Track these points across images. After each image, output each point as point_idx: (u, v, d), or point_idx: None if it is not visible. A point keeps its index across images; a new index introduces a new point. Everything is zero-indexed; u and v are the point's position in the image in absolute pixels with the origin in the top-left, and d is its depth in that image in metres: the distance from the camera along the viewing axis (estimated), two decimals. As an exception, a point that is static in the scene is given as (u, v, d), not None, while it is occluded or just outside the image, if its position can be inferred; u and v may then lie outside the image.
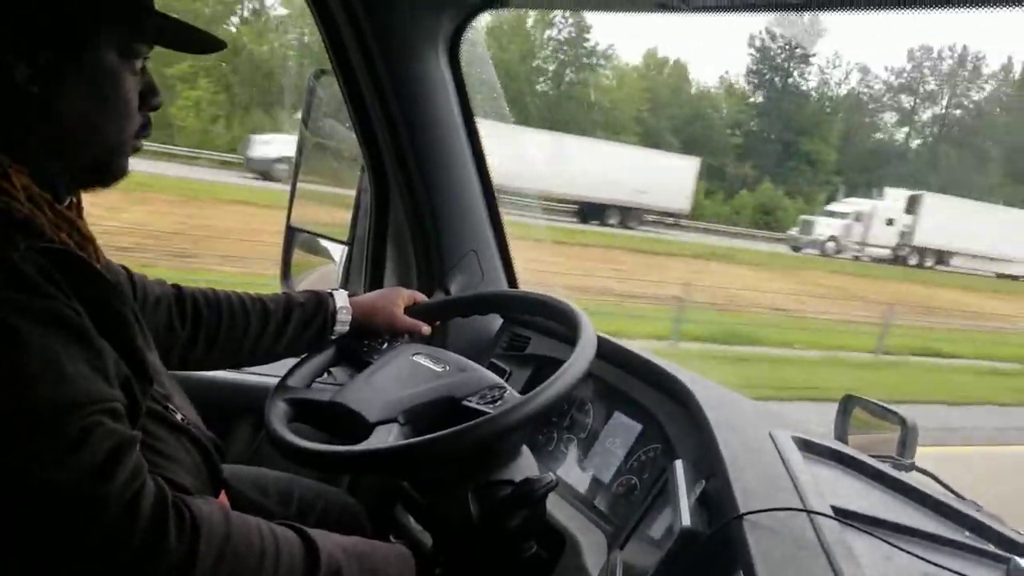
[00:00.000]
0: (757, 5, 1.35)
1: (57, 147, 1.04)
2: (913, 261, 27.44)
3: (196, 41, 1.14)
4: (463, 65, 1.93)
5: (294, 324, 1.54)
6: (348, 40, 1.82)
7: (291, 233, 2.21)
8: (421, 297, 1.70)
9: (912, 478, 1.42)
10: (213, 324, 1.47)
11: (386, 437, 1.26)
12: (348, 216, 2.16)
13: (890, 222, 27.37)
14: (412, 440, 1.22)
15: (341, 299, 1.58)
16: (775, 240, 29.13)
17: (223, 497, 1.28)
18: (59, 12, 1.00)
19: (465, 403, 1.33)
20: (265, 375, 1.86)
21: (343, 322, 1.57)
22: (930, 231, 27.07)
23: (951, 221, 26.39)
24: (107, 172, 1.10)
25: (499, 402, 1.32)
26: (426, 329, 1.65)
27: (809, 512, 1.01)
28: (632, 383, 1.64)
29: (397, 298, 1.65)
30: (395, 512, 1.78)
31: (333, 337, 1.58)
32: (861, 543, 0.99)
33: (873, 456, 1.50)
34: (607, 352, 1.65)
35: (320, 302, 1.56)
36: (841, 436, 1.67)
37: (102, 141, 1.07)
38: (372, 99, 1.86)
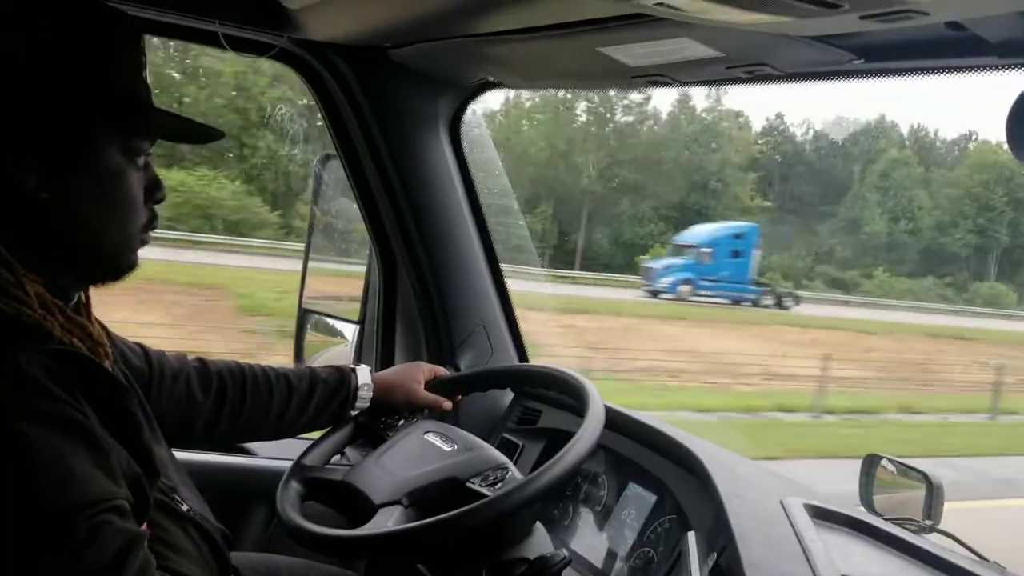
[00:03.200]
0: (745, 79, 1.39)
1: (67, 249, 1.06)
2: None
3: (195, 133, 1.17)
4: (465, 144, 1.98)
5: (316, 400, 1.55)
6: (350, 125, 1.88)
7: (303, 315, 2.24)
8: (442, 371, 1.70)
9: (933, 540, 1.40)
10: (238, 399, 1.49)
11: (387, 520, 1.27)
12: (359, 295, 2.19)
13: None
14: (409, 525, 1.23)
15: (363, 375, 1.59)
16: (623, 286, 26.86)
17: None
18: (63, 119, 1.03)
19: (468, 485, 1.33)
20: (279, 459, 1.86)
21: (364, 399, 1.58)
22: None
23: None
24: (116, 268, 1.12)
25: (500, 484, 1.31)
26: (447, 404, 1.65)
27: (819, 583, 1.00)
28: (645, 453, 1.63)
29: (417, 373, 1.65)
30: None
31: (353, 413, 1.58)
32: (874, 614, 0.98)
33: (893, 519, 1.47)
34: (619, 423, 1.64)
35: (343, 378, 1.57)
36: (866, 498, 1.64)
37: (110, 240, 1.09)
38: (376, 181, 1.91)
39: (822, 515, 1.27)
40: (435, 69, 1.82)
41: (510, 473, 1.34)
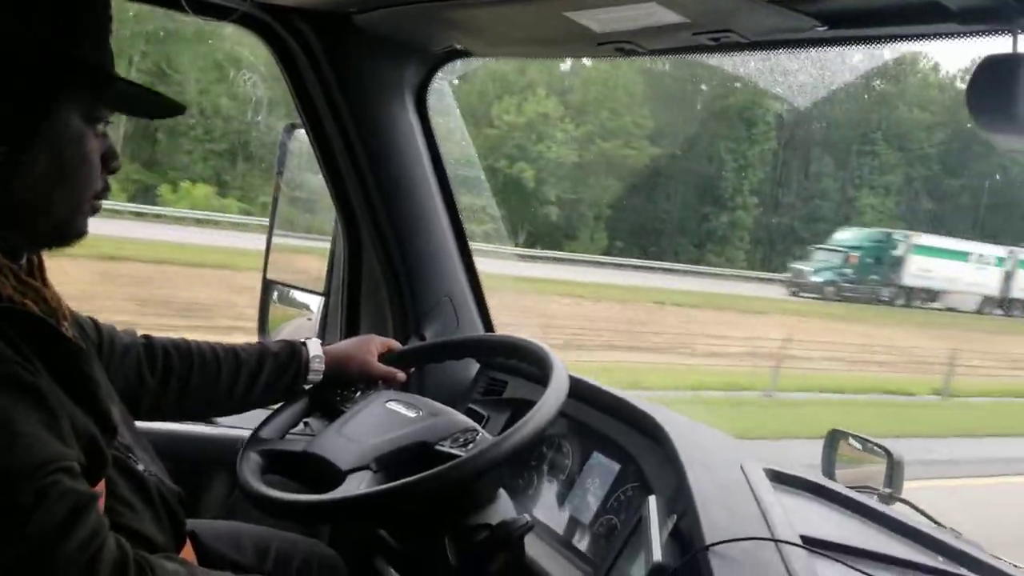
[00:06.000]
0: (711, 47, 1.39)
1: (21, 212, 1.04)
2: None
3: (157, 106, 1.15)
4: (431, 114, 1.96)
5: (267, 374, 1.53)
6: (315, 94, 1.85)
7: (267, 286, 2.21)
8: (395, 344, 1.70)
9: (894, 509, 1.42)
10: (183, 374, 1.47)
11: (358, 484, 1.26)
12: (324, 267, 2.17)
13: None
14: (383, 486, 1.22)
15: (315, 348, 1.58)
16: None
17: (188, 550, 1.27)
18: (24, 81, 1.00)
19: (438, 447, 1.33)
20: (239, 428, 1.85)
21: (316, 371, 1.57)
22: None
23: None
24: (66, 233, 1.11)
25: (471, 445, 1.31)
26: (401, 376, 1.65)
27: (776, 541, 1.01)
28: (609, 422, 1.64)
29: (371, 345, 1.65)
30: (375, 562, 1.76)
31: (307, 387, 1.58)
32: (830, 571, 0.99)
33: (856, 488, 1.50)
34: (583, 392, 1.65)
35: (293, 351, 1.56)
36: (828, 470, 1.67)
37: (64, 205, 1.08)
38: (341, 150, 1.89)
39: (781, 479, 1.29)
40: (401, 35, 1.80)
41: (480, 435, 1.35)
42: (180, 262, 13.74)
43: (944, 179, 33.16)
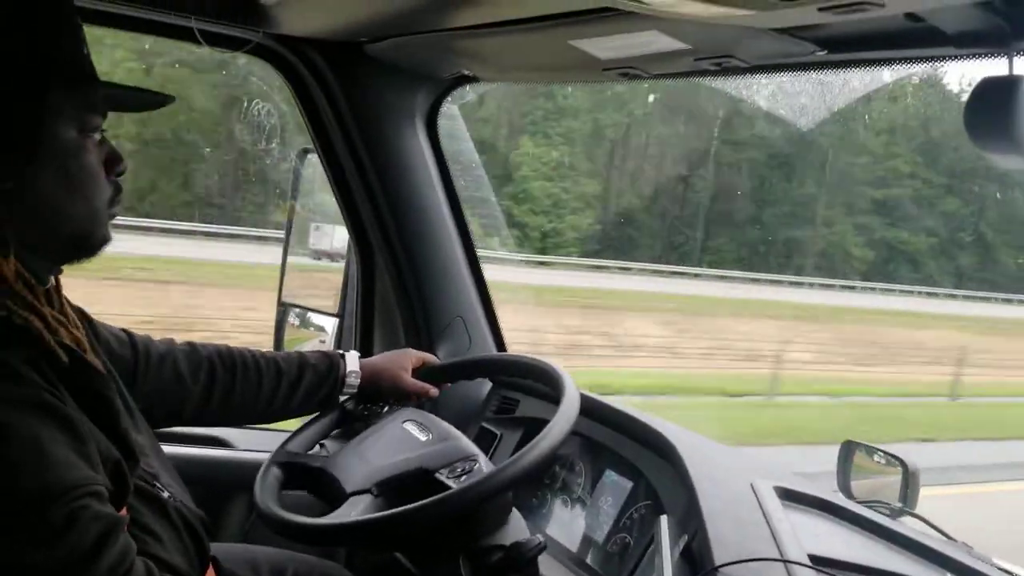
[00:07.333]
0: (713, 71, 1.41)
1: (38, 235, 1.05)
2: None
3: (145, 100, 1.18)
4: (442, 138, 1.99)
5: (305, 385, 1.56)
6: (328, 119, 1.89)
7: (283, 309, 2.24)
8: (431, 359, 1.71)
9: (905, 524, 1.43)
10: (227, 382, 1.50)
11: (353, 509, 1.28)
12: (338, 288, 2.20)
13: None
14: (371, 516, 1.24)
15: (352, 362, 1.60)
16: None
17: (210, 574, 1.29)
18: (12, 105, 1.00)
19: (436, 475, 1.34)
20: (258, 451, 1.88)
21: (351, 385, 1.59)
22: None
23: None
24: (89, 245, 1.11)
25: (464, 477, 1.32)
26: (434, 392, 1.66)
27: (785, 562, 1.02)
28: (621, 440, 1.65)
29: (405, 361, 1.66)
30: (391, 584, 1.77)
31: (341, 399, 1.60)
32: (837, 590, 1.00)
33: (866, 502, 1.51)
34: (594, 411, 1.66)
35: (332, 364, 1.58)
36: (844, 483, 1.67)
37: (78, 216, 1.08)
38: (353, 175, 1.93)
39: (792, 497, 1.30)
40: (411, 63, 1.83)
41: (478, 465, 1.35)
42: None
43: (656, 127, 24.98)
